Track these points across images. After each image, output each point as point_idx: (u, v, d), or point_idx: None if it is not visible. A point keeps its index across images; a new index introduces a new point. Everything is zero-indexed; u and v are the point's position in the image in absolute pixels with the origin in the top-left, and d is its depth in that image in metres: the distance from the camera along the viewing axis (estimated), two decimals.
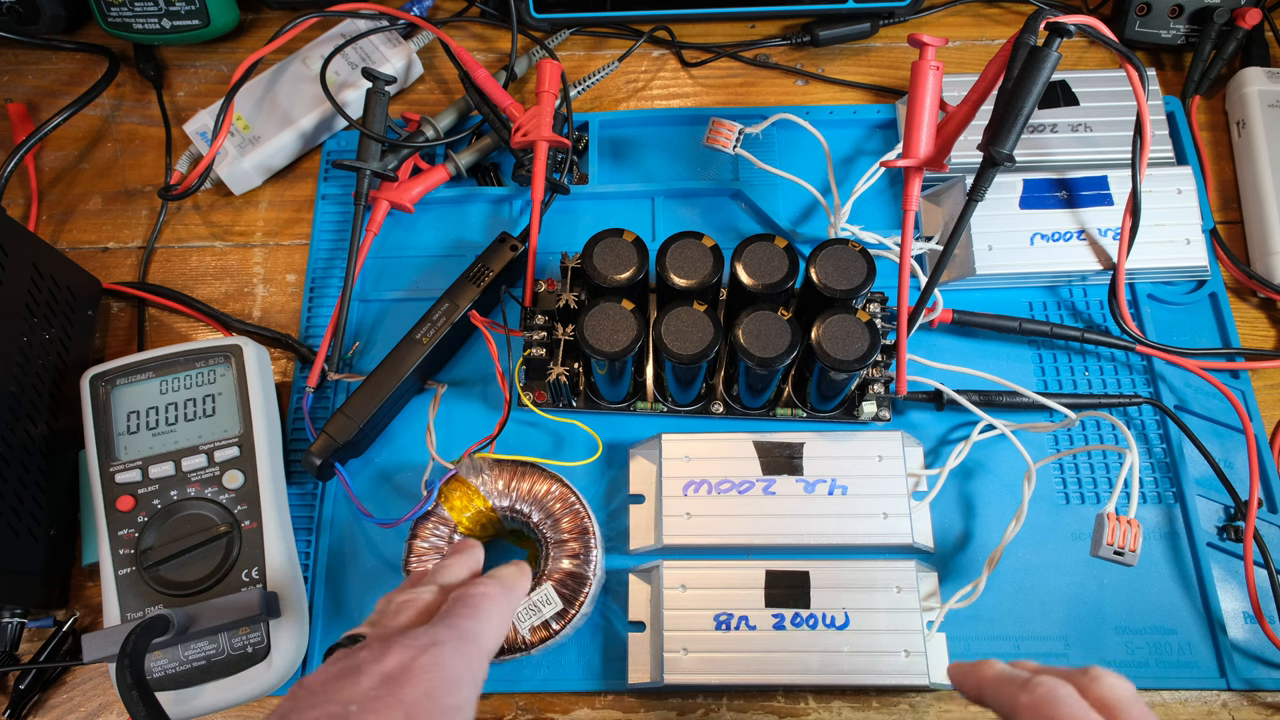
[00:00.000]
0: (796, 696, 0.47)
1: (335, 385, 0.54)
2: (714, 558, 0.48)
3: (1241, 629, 0.48)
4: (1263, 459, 0.51)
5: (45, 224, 0.61)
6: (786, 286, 0.47)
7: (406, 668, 0.31)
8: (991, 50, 0.65)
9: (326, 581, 0.50)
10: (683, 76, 0.65)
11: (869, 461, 0.50)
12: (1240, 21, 0.61)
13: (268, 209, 0.61)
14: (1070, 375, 0.54)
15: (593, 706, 0.48)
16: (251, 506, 0.47)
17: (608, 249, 0.48)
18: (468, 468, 0.49)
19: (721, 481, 0.49)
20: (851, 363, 0.45)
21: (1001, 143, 0.46)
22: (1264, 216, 0.56)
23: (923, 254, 0.56)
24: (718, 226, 0.59)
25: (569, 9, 0.64)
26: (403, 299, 0.57)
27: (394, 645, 0.32)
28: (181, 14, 0.62)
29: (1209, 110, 0.63)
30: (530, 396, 0.51)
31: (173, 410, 0.49)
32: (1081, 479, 0.51)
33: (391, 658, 0.32)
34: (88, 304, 0.56)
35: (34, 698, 0.48)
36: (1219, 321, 0.55)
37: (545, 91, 0.56)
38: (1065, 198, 0.54)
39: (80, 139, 0.64)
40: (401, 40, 0.62)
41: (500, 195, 0.59)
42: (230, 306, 0.58)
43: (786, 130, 0.60)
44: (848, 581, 0.47)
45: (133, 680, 0.36)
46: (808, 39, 0.64)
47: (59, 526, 0.50)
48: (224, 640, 0.44)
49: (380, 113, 0.57)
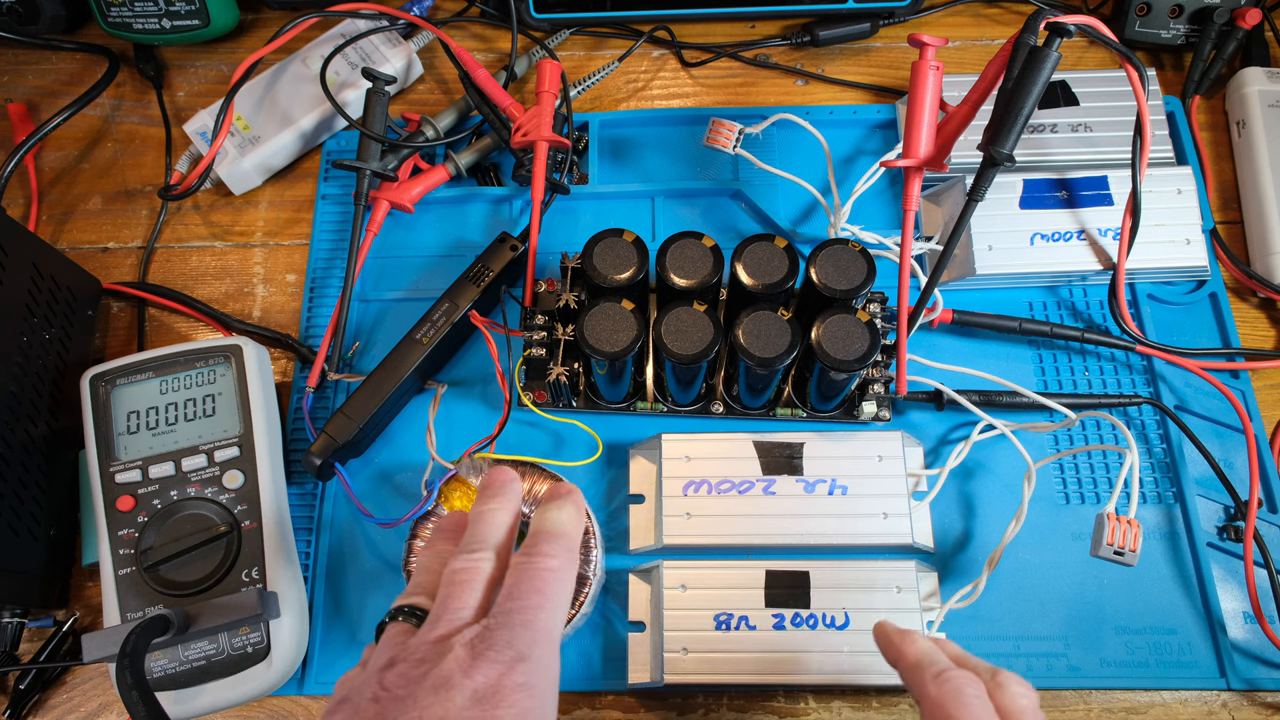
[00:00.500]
0: (796, 696, 0.47)
1: (335, 385, 0.54)
2: (714, 558, 0.48)
3: (1241, 629, 0.48)
4: (1263, 459, 0.51)
5: (45, 224, 0.61)
6: (786, 286, 0.47)
7: (497, 688, 0.29)
8: (991, 50, 0.65)
9: (326, 581, 0.50)
10: (683, 76, 0.65)
11: (869, 461, 0.50)
12: (1240, 21, 0.61)
13: (268, 209, 0.61)
14: (1070, 375, 0.54)
15: (593, 706, 0.48)
16: (251, 506, 0.47)
17: (608, 249, 0.48)
18: (468, 468, 0.49)
19: (721, 481, 0.49)
20: (851, 363, 0.45)
21: (1001, 143, 0.46)
22: (1264, 216, 0.56)
23: (923, 254, 0.56)
24: (718, 226, 0.59)
25: (569, 9, 0.64)
26: (403, 299, 0.57)
27: (483, 658, 0.30)
28: (181, 14, 0.62)
29: (1209, 110, 0.63)
30: (530, 396, 0.51)
31: (173, 410, 0.49)
32: (1081, 479, 0.51)
33: (480, 673, 0.29)
34: (88, 304, 0.56)
35: (34, 698, 0.48)
36: (1219, 321, 0.55)
37: (545, 91, 0.56)
38: (1065, 198, 0.54)
39: (80, 139, 0.64)
40: (401, 40, 0.62)
41: (500, 195, 0.59)
42: (230, 306, 0.58)
43: (786, 130, 0.60)
44: (848, 581, 0.47)
45: (133, 680, 0.36)
46: (808, 39, 0.64)
47: (59, 526, 0.50)
48: (224, 640, 0.44)
49: (380, 113, 0.57)
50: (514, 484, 0.38)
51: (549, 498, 0.37)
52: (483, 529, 0.35)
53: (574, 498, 0.37)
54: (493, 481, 0.38)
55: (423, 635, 0.31)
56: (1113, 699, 0.47)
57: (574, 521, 0.36)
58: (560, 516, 0.36)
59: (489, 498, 0.37)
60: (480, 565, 0.34)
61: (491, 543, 0.35)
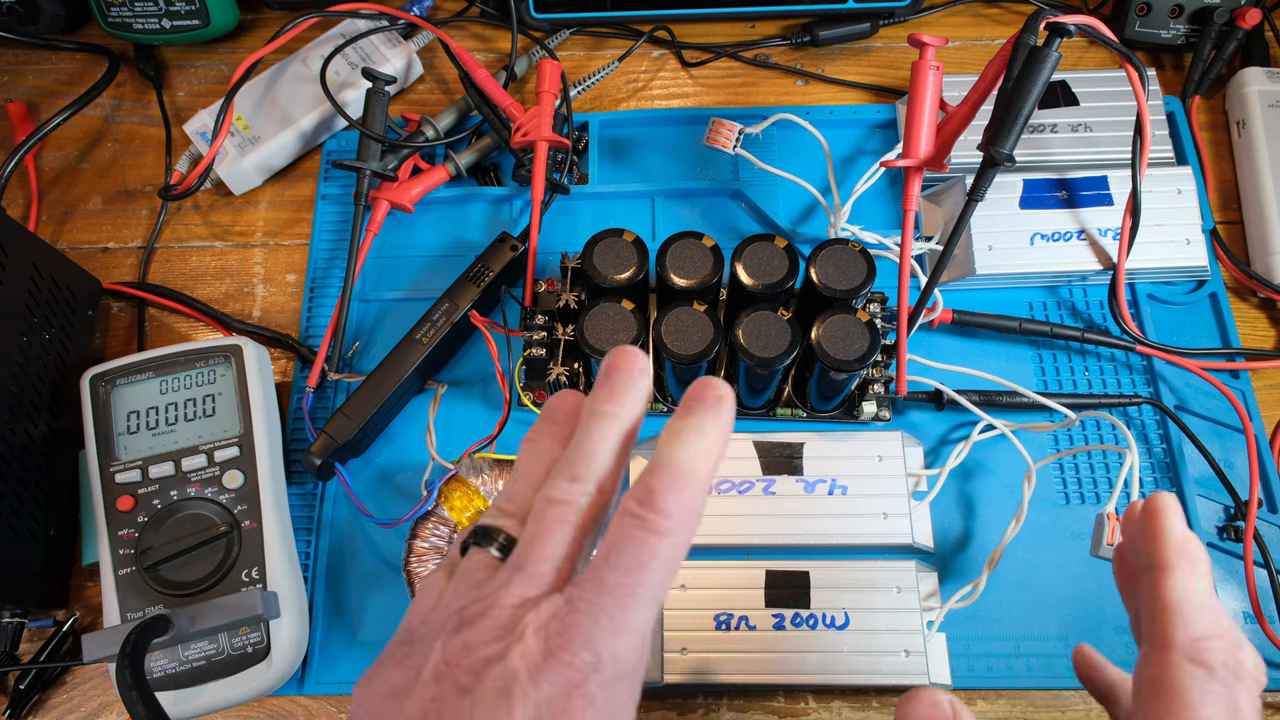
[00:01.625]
0: (796, 696, 0.47)
1: (335, 385, 0.54)
2: (714, 558, 0.48)
3: (1242, 629, 0.48)
4: (1263, 459, 0.51)
5: (45, 224, 0.61)
6: (786, 286, 0.47)
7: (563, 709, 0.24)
8: (991, 50, 0.65)
9: (326, 581, 0.50)
10: (683, 76, 0.65)
11: (869, 461, 0.50)
12: (1240, 21, 0.61)
13: (268, 209, 0.61)
14: (1070, 375, 0.54)
15: None
16: (251, 506, 0.47)
17: (608, 249, 0.48)
18: (468, 468, 0.49)
19: (721, 481, 0.49)
20: (851, 363, 0.45)
21: (1001, 143, 0.46)
22: (1264, 216, 0.56)
23: (923, 254, 0.56)
24: (718, 226, 0.59)
25: (569, 9, 0.64)
26: (403, 299, 0.57)
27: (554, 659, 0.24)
28: (181, 14, 0.62)
29: (1209, 110, 0.63)
30: (530, 396, 0.51)
31: (173, 410, 0.49)
32: (1081, 479, 0.51)
33: (547, 682, 0.24)
34: (88, 304, 0.56)
35: (34, 698, 0.48)
36: (1219, 321, 0.55)
37: (545, 91, 0.56)
38: (1065, 198, 0.54)
39: (80, 139, 0.64)
40: (401, 40, 0.62)
41: (500, 195, 0.59)
42: (230, 306, 0.58)
43: (786, 130, 0.60)
44: (848, 581, 0.47)
45: (133, 680, 0.36)
46: (808, 39, 0.64)
47: (59, 526, 0.50)
48: (224, 640, 0.44)
49: (380, 113, 0.57)
50: (642, 380, 0.29)
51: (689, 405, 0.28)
52: (589, 446, 0.28)
53: (719, 414, 0.27)
54: (615, 371, 0.29)
55: (499, 590, 0.26)
56: None
57: (713, 456, 0.27)
58: (696, 448, 0.26)
59: (606, 397, 0.28)
60: (578, 501, 0.27)
61: (597, 469, 0.28)
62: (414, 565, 0.47)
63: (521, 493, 0.29)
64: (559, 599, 0.26)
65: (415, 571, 0.47)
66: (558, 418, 0.30)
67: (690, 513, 0.26)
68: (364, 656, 0.48)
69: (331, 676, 0.48)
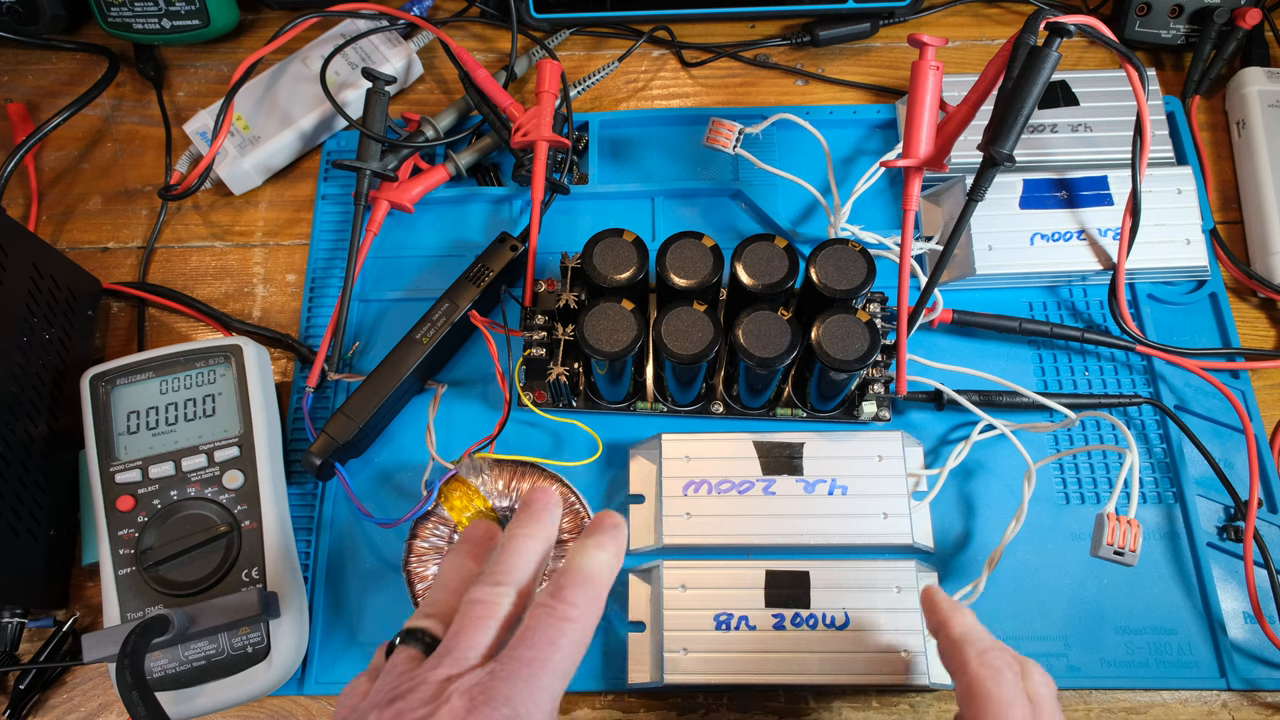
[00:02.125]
0: (796, 696, 0.47)
1: (335, 385, 0.54)
2: (714, 558, 0.48)
3: (1241, 629, 0.48)
4: (1263, 459, 0.51)
5: (45, 224, 0.61)
6: (786, 286, 0.47)
7: None
8: (991, 50, 0.65)
9: (326, 581, 0.50)
10: (683, 76, 0.65)
11: (869, 461, 0.50)
12: (1240, 21, 0.61)
13: (268, 209, 0.61)
14: (1070, 375, 0.54)
15: (593, 706, 0.48)
16: (251, 506, 0.47)
17: (608, 249, 0.48)
18: (468, 468, 0.49)
19: (721, 481, 0.49)
20: (851, 363, 0.45)
21: (1001, 143, 0.46)
22: (1264, 216, 0.56)
23: (923, 254, 0.56)
24: (718, 226, 0.59)
25: (569, 9, 0.64)
26: (403, 299, 0.57)
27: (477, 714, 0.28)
28: (181, 14, 0.62)
29: (1209, 110, 0.63)
30: (530, 396, 0.51)
31: (173, 410, 0.49)
32: (1081, 479, 0.51)
33: None
34: (88, 304, 0.56)
35: (34, 698, 0.48)
36: (1219, 321, 0.55)
37: (545, 91, 0.56)
38: (1065, 198, 0.54)
39: (80, 139, 0.64)
40: (401, 40, 0.62)
41: (500, 195, 0.59)
42: (230, 306, 0.58)
43: (786, 130, 0.60)
44: (848, 581, 0.47)
45: (133, 680, 0.36)
46: (808, 39, 0.64)
47: (59, 526, 0.50)
48: (224, 640, 0.44)
49: (380, 113, 0.57)
50: (554, 511, 0.36)
51: (593, 529, 0.35)
52: (510, 559, 0.34)
53: (616, 536, 0.35)
54: (533, 503, 0.36)
55: (427, 671, 0.30)
56: (1113, 699, 0.47)
57: (610, 566, 0.34)
58: (597, 559, 0.34)
59: (526, 522, 0.35)
60: (500, 601, 0.32)
61: (517, 578, 0.33)
62: (414, 565, 0.47)
63: (444, 600, 0.34)
64: (481, 672, 0.30)
65: (415, 571, 0.47)
66: (475, 538, 0.37)
67: (593, 605, 0.32)
68: (364, 656, 0.48)
69: (331, 676, 0.48)
